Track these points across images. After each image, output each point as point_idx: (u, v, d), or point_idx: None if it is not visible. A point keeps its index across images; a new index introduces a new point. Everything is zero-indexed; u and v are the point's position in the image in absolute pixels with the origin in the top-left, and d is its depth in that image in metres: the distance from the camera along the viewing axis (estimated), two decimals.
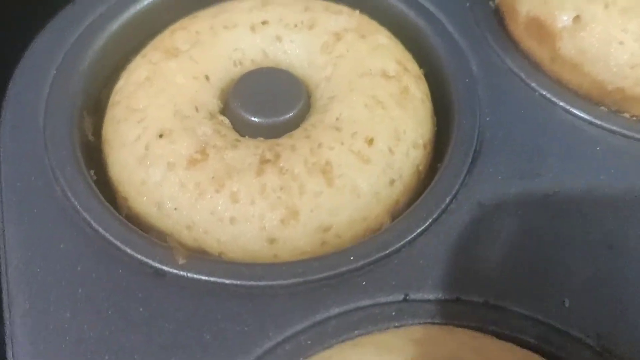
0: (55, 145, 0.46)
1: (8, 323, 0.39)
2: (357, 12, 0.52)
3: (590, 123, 0.47)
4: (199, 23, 0.51)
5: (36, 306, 0.39)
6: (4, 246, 0.42)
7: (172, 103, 0.46)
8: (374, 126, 0.45)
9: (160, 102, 0.46)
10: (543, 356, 0.36)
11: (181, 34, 0.50)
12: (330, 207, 0.42)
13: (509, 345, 0.35)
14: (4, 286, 0.40)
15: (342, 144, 0.44)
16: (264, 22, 0.51)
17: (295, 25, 0.51)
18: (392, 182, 0.44)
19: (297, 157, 0.43)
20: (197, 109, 0.47)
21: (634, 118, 0.47)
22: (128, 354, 0.37)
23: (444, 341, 0.33)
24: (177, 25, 0.52)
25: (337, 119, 0.45)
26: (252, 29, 0.51)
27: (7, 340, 0.38)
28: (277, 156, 0.43)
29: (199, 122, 0.46)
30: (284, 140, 0.45)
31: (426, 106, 0.48)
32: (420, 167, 0.46)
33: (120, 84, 0.49)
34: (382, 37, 0.51)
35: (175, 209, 0.43)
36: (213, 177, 0.43)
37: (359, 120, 0.45)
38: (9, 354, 0.38)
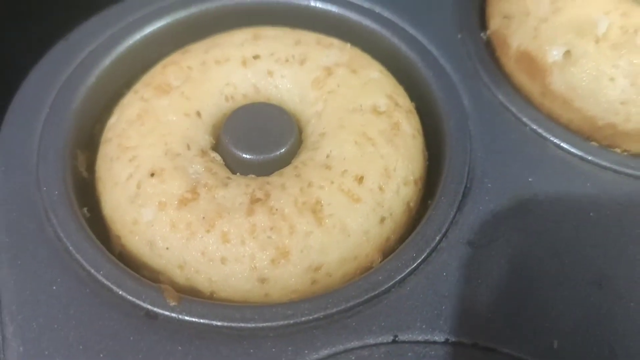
0: (47, 186, 0.46)
1: None
2: (349, 45, 0.53)
3: (582, 159, 0.47)
4: (191, 58, 0.52)
5: (29, 350, 0.39)
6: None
7: (164, 141, 0.47)
8: (364, 164, 0.45)
9: (152, 140, 0.47)
10: None
11: (173, 69, 0.51)
12: (320, 247, 0.43)
13: None
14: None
15: (332, 182, 0.44)
16: (256, 57, 0.51)
17: (287, 60, 0.51)
18: (382, 220, 0.45)
19: (287, 197, 0.43)
20: (188, 147, 0.47)
21: (625, 153, 0.48)
22: None
23: None
24: (168, 60, 0.52)
25: (327, 156, 0.46)
26: (244, 63, 0.51)
27: None
28: (268, 195, 0.44)
29: (190, 160, 0.46)
30: (275, 179, 0.45)
31: (417, 141, 0.49)
32: (411, 204, 0.47)
33: (113, 120, 0.50)
34: (374, 72, 0.51)
35: (167, 248, 0.43)
36: (204, 217, 0.43)
37: (348, 158, 0.45)
38: None
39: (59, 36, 0.53)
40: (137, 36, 0.53)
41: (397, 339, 0.39)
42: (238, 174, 0.46)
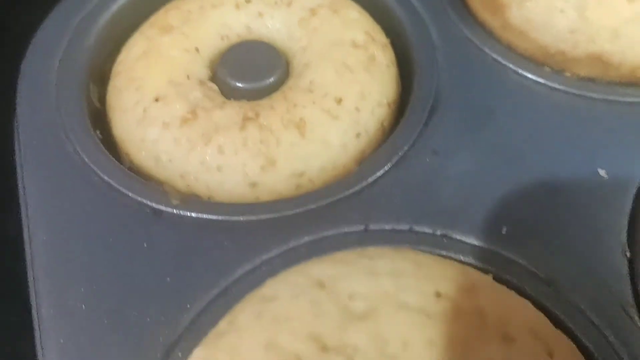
0: (66, 111, 0.53)
1: (30, 257, 0.46)
2: None
3: (535, 82, 0.53)
4: (190, 2, 0.58)
5: (53, 242, 0.46)
6: (25, 196, 0.49)
7: (166, 73, 0.53)
8: (342, 88, 0.51)
9: (155, 72, 0.53)
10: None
11: (174, 13, 0.57)
12: (303, 157, 0.49)
13: (449, 261, 0.41)
14: (25, 226, 0.47)
15: (314, 103, 0.50)
16: (248, 1, 0.57)
17: (275, 3, 0.57)
18: (358, 135, 0.51)
19: (274, 115, 0.50)
20: (188, 77, 0.53)
21: (574, 77, 0.53)
22: (133, 278, 0.43)
23: (391, 256, 0.40)
24: (170, 5, 0.58)
25: (310, 82, 0.52)
26: (237, 7, 0.57)
27: (29, 272, 0.45)
28: (258, 114, 0.50)
29: (190, 88, 0.52)
30: (264, 102, 0.51)
31: (391, 71, 0.55)
32: (385, 123, 0.53)
33: (121, 57, 0.56)
34: (353, 12, 0.57)
35: (170, 160, 0.49)
36: (202, 134, 0.49)
37: (329, 84, 0.51)
38: (31, 288, 0.45)
39: None
40: None
41: (367, 228, 0.45)
42: (232, 99, 0.53)
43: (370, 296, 0.37)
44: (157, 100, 0.51)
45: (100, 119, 0.55)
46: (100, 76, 0.57)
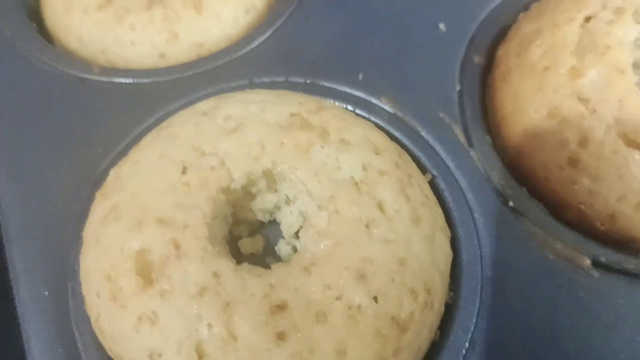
0: (4, 7, 0.63)
1: None
2: None
3: None
4: None
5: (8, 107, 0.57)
6: None
7: None
8: None
9: None
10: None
11: None
12: (200, 30, 0.60)
13: (306, 95, 0.53)
14: None
15: None
16: None
17: None
18: (247, 10, 0.62)
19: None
20: None
21: None
22: (67, 132, 0.55)
23: (260, 91, 0.52)
24: None
25: None
26: None
27: None
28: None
29: None
30: None
31: None
32: (271, 3, 0.64)
33: None
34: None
35: (91, 40, 0.60)
36: (116, 15, 0.60)
37: None
38: None
39: None
40: None
41: (252, 81, 0.57)
42: None
43: (239, 117, 0.49)
44: None
45: (35, 13, 0.65)
46: None
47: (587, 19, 0.52)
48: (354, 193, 0.45)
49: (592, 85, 0.49)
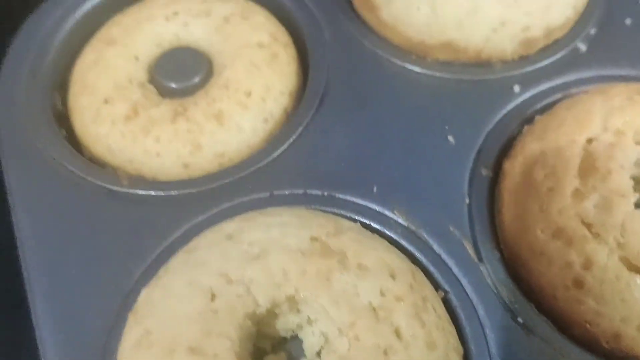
0: (35, 116, 0.66)
1: (19, 238, 0.60)
2: None
3: (403, 68, 0.67)
4: (129, 17, 0.71)
5: (35, 222, 0.60)
6: (10, 191, 0.62)
7: (112, 78, 0.66)
8: (250, 83, 0.65)
9: (104, 78, 0.67)
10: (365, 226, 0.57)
11: (116, 28, 0.70)
12: (222, 141, 0.63)
13: (324, 213, 0.57)
14: (13, 213, 0.61)
15: (229, 97, 0.64)
16: (175, 13, 0.71)
17: (197, 14, 0.70)
18: (265, 120, 0.65)
19: (198, 110, 0.64)
20: (130, 81, 0.67)
21: (434, 61, 0.68)
22: (95, 245, 0.58)
23: (281, 212, 0.55)
24: (112, 21, 0.72)
25: (226, 80, 0.66)
26: (167, 19, 0.70)
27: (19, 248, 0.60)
28: (186, 109, 0.64)
29: (132, 91, 0.66)
30: (191, 99, 0.65)
31: (291, 66, 0.69)
32: (288, 110, 0.67)
33: (76, 67, 0.69)
34: (260, 17, 0.71)
35: (120, 150, 0.64)
36: (142, 127, 0.63)
37: (240, 80, 0.65)
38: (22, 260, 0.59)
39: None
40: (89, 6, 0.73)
41: (272, 194, 0.60)
42: (167, 99, 0.66)
43: (263, 241, 0.52)
44: (106, 102, 0.65)
45: (64, 120, 0.69)
46: (61, 84, 0.71)
47: (589, 141, 0.56)
48: (372, 320, 0.48)
49: (594, 208, 0.52)
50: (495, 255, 0.56)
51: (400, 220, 0.58)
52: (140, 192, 0.61)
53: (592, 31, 0.70)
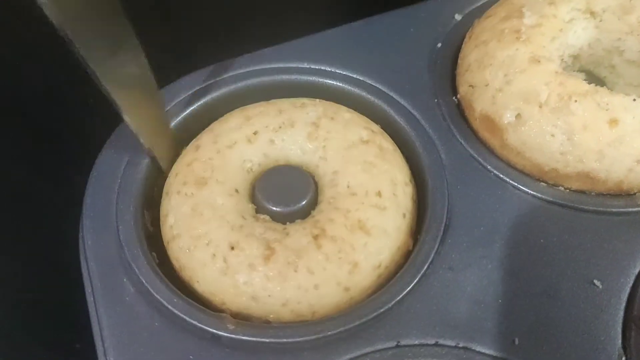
0: (127, 244, 0.59)
1: None
2: (317, 100, 0.68)
3: (533, 196, 0.61)
4: (206, 151, 0.64)
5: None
6: (99, 326, 0.55)
7: (225, 220, 0.59)
8: (376, 182, 0.61)
9: (215, 223, 0.59)
10: None
11: (198, 165, 0.63)
12: (375, 250, 0.58)
13: None
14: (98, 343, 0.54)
15: (363, 203, 0.59)
16: (255, 133, 0.65)
17: (280, 127, 0.65)
18: (404, 215, 0.61)
19: (337, 225, 0.58)
20: (244, 217, 0.60)
21: (567, 190, 0.61)
22: None
23: None
24: (188, 158, 0.64)
25: (348, 186, 0.61)
26: (249, 140, 0.64)
27: None
28: (323, 230, 0.58)
29: (252, 227, 0.59)
30: (321, 216, 0.59)
31: (397, 153, 0.65)
32: (414, 198, 0.63)
33: (171, 221, 0.61)
34: (345, 113, 0.67)
35: (269, 295, 0.56)
36: (288, 262, 0.56)
37: (364, 182, 0.61)
38: None
39: None
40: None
41: (399, 344, 0.54)
42: (288, 223, 0.60)
43: None
44: (232, 248, 0.57)
45: (153, 242, 0.62)
46: (150, 202, 0.64)
47: None
48: None
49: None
50: None
51: None
52: (248, 338, 0.54)
53: None
